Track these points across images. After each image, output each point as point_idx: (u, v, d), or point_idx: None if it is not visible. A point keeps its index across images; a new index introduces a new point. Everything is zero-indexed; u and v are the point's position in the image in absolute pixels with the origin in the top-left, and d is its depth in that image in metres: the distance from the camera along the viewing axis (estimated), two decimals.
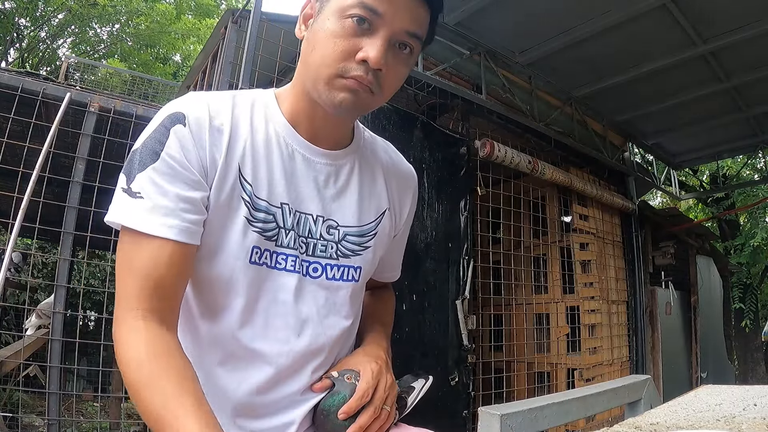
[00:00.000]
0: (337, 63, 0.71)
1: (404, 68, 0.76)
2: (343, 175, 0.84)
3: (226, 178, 0.73)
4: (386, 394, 0.79)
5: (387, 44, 0.71)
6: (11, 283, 4.16)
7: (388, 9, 0.69)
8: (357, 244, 0.84)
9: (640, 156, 5.63)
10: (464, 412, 2.90)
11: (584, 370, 3.79)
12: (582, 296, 3.99)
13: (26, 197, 2.19)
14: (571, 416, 1.45)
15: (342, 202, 0.83)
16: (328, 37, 0.71)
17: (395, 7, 0.70)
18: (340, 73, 0.71)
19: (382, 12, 0.69)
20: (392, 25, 0.70)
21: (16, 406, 3.39)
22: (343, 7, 0.70)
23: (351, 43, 0.70)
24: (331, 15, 0.71)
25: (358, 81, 0.71)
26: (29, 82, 2.36)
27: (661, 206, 10.17)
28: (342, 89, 0.72)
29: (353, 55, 0.70)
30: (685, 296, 5.52)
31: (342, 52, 0.70)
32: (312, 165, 0.80)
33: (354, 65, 0.70)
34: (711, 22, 3.12)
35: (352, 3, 0.69)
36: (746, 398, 0.70)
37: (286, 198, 0.77)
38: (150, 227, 0.67)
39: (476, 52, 3.41)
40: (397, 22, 0.70)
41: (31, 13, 9.49)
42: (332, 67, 0.71)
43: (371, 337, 0.90)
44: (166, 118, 0.72)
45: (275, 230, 0.76)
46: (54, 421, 2.16)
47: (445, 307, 2.92)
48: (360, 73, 0.70)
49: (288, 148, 0.79)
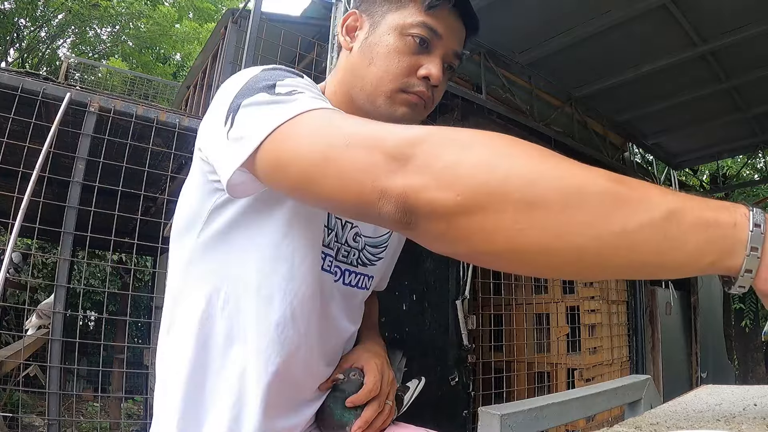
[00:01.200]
0: (401, 78, 0.74)
1: (447, 81, 0.81)
2: None
3: None
4: (389, 389, 0.81)
5: (443, 63, 0.76)
6: (11, 283, 4.16)
7: (445, 31, 0.74)
8: (373, 255, 0.86)
9: (640, 156, 5.63)
10: (464, 412, 2.90)
11: (584, 370, 3.79)
12: (582, 296, 3.99)
13: (26, 197, 2.19)
14: (571, 416, 1.45)
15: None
16: (390, 53, 0.73)
17: (451, 30, 0.75)
18: (402, 88, 0.74)
19: (442, 33, 0.74)
20: (446, 45, 0.75)
21: (16, 406, 3.39)
22: (404, 24, 0.73)
23: (413, 59, 0.74)
24: (392, 31, 0.74)
25: (419, 96, 0.75)
26: (29, 82, 2.36)
27: None
28: (403, 103, 0.75)
29: (415, 72, 0.74)
30: (685, 296, 5.52)
31: (406, 68, 0.74)
32: None
33: (416, 81, 0.74)
34: (711, 22, 3.12)
35: (414, 22, 0.73)
36: (746, 398, 0.70)
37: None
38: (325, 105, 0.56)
39: (476, 52, 3.41)
40: (449, 43, 0.76)
41: (31, 13, 9.50)
42: (395, 82, 0.74)
43: (368, 335, 0.91)
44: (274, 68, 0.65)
45: (322, 229, 0.76)
46: (54, 421, 2.16)
47: (445, 307, 2.93)
48: (423, 89, 0.74)
49: None
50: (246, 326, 0.70)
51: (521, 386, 3.66)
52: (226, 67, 2.66)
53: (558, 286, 4.02)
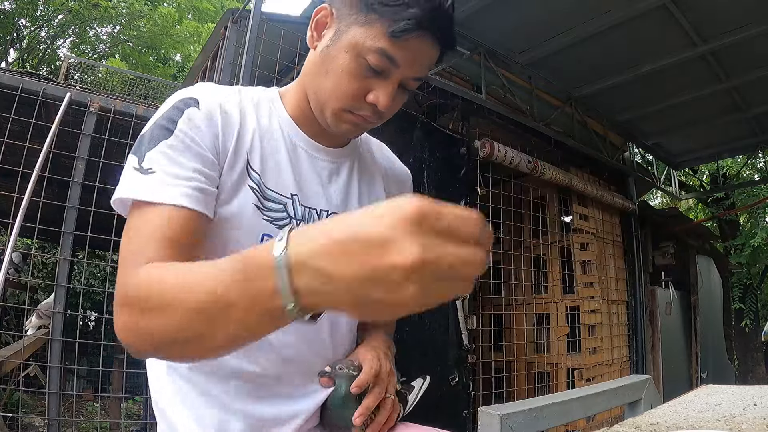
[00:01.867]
0: (348, 101, 0.73)
1: (404, 99, 0.79)
2: (344, 173, 0.86)
3: (235, 166, 0.74)
4: (387, 379, 0.79)
5: (396, 88, 0.73)
6: (11, 283, 4.16)
7: (405, 59, 0.71)
8: None
9: (640, 156, 5.63)
10: (464, 412, 2.90)
11: (584, 370, 3.79)
12: (582, 296, 3.99)
13: (26, 197, 2.19)
14: (571, 416, 1.45)
15: (345, 199, 0.85)
16: (343, 72, 0.72)
17: (412, 57, 0.71)
18: (348, 109, 0.74)
19: (399, 62, 0.71)
20: (404, 73, 0.73)
21: (16, 406, 3.38)
22: (362, 47, 0.70)
23: (364, 84, 0.73)
24: (350, 49, 0.71)
25: (363, 118, 0.75)
26: (29, 82, 2.36)
27: (661, 206, 10.16)
28: (348, 122, 0.76)
29: (363, 96, 0.73)
30: (685, 296, 5.52)
31: (354, 93, 0.73)
32: (315, 161, 0.82)
33: (364, 105, 0.74)
34: (711, 22, 3.12)
35: (372, 48, 0.70)
36: (746, 398, 0.70)
37: (295, 190, 0.79)
38: (163, 196, 0.64)
39: (476, 52, 3.41)
40: (409, 70, 0.73)
41: (31, 13, 9.49)
42: (341, 102, 0.74)
43: (368, 334, 0.90)
44: (178, 101, 0.72)
45: (286, 219, 0.77)
46: (54, 421, 2.16)
47: (445, 307, 2.92)
48: (368, 114, 0.75)
49: (291, 143, 0.81)
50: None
51: (521, 386, 3.66)
52: (226, 67, 2.66)
53: (558, 286, 4.01)
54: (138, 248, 0.62)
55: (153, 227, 0.63)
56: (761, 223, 8.30)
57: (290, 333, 0.77)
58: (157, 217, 0.63)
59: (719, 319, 6.88)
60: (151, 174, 0.65)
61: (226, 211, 0.73)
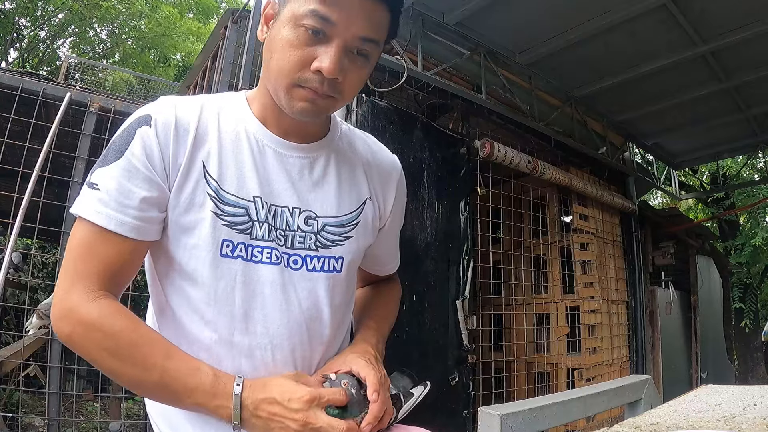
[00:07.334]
0: (294, 73, 0.72)
1: (363, 70, 0.76)
2: (319, 166, 0.85)
3: (189, 176, 0.75)
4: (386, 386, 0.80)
5: (342, 52, 0.71)
6: (11, 283, 4.15)
7: (341, 17, 0.69)
8: (337, 235, 0.84)
9: (640, 156, 5.62)
10: (464, 412, 2.90)
11: (584, 370, 3.79)
12: (582, 296, 3.99)
13: (26, 197, 2.19)
14: (571, 416, 1.45)
15: (320, 193, 0.84)
16: (284, 46, 0.71)
17: (349, 15, 0.69)
18: (297, 83, 0.73)
19: (335, 20, 0.69)
20: (346, 33, 0.70)
21: (16, 406, 3.38)
22: (297, 15, 0.70)
23: (306, 52, 0.71)
24: (287, 23, 0.71)
25: (314, 91, 0.73)
26: (29, 82, 2.36)
27: (661, 206, 10.16)
28: (300, 98, 0.74)
29: (308, 65, 0.71)
30: (685, 296, 5.52)
31: (297, 62, 0.71)
32: (283, 159, 0.82)
33: (310, 75, 0.72)
34: (711, 22, 3.12)
35: (305, 12, 0.69)
36: (746, 398, 0.70)
37: (259, 192, 0.78)
38: (102, 220, 0.71)
39: (476, 52, 3.40)
40: (351, 29, 0.70)
41: (31, 13, 9.50)
42: (289, 77, 0.72)
43: (360, 335, 0.90)
44: (134, 120, 0.75)
45: (247, 223, 0.77)
46: (54, 421, 2.16)
47: (445, 307, 2.92)
48: (316, 85, 0.72)
49: (258, 144, 0.80)
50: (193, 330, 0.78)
51: (521, 386, 3.66)
52: (226, 67, 2.66)
53: (558, 286, 4.01)
54: (83, 268, 0.71)
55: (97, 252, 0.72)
56: (761, 223, 8.30)
57: (284, 337, 0.79)
58: (100, 243, 0.72)
59: (719, 319, 6.87)
60: (96, 191, 0.72)
61: (185, 220, 0.75)
